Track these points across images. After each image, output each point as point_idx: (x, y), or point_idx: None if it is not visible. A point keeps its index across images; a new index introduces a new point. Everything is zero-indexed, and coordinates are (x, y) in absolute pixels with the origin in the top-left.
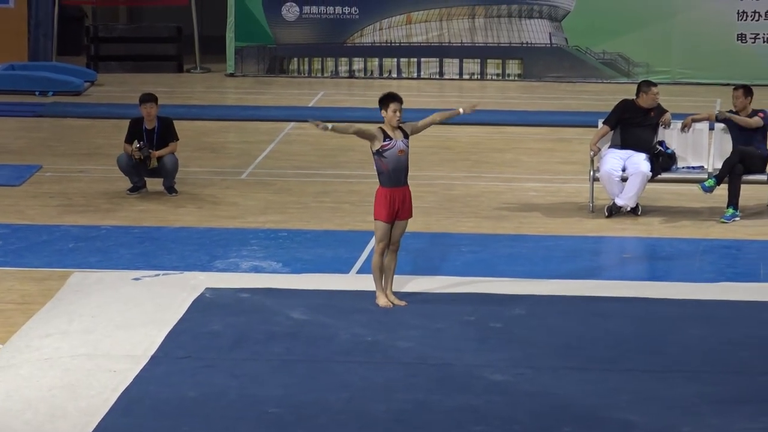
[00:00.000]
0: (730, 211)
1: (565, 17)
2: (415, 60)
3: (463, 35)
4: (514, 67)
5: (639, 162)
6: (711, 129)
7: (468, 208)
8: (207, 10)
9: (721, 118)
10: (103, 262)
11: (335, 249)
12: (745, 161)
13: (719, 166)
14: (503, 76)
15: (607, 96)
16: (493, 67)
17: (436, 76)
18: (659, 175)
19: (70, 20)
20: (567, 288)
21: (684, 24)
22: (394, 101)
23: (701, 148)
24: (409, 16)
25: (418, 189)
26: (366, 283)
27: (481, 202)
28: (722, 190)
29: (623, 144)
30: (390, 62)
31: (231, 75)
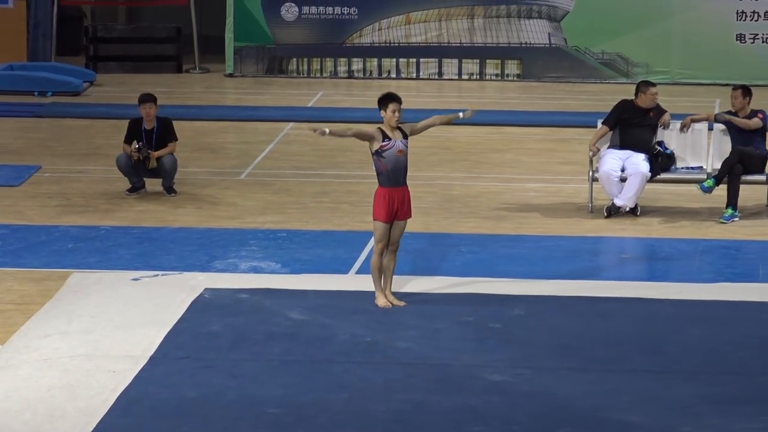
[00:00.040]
0: (729, 211)
1: (564, 17)
2: (414, 60)
3: (462, 35)
4: (513, 67)
5: (638, 162)
6: (710, 129)
7: (467, 209)
8: (206, 11)
9: (720, 120)
10: (102, 262)
11: (334, 249)
12: (744, 161)
13: (718, 166)
14: (502, 76)
15: (606, 96)
16: (492, 67)
17: (435, 77)
18: (658, 176)
19: (69, 20)
20: (566, 288)
21: (683, 24)
22: (393, 101)
23: (700, 149)
24: (408, 17)
25: (417, 189)
26: (365, 283)
27: (480, 202)
28: (721, 191)
29: (622, 144)
30: (389, 62)
31: (230, 75)
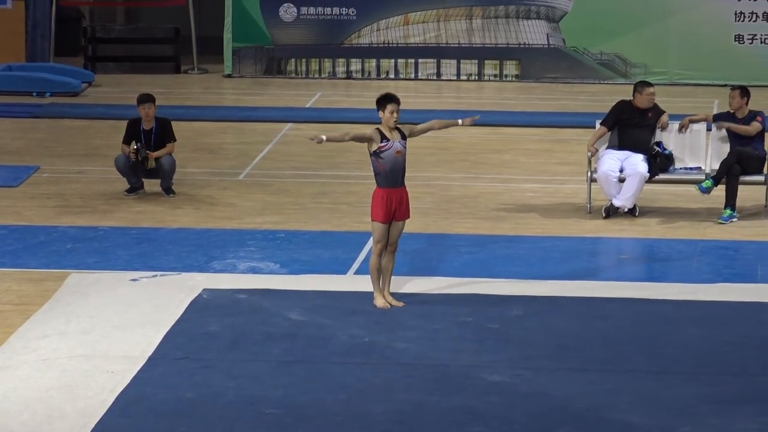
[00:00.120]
0: (728, 212)
1: (562, 18)
2: (413, 61)
3: (460, 36)
4: (511, 67)
5: (636, 163)
6: (708, 130)
7: (466, 209)
8: (204, 11)
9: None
10: (101, 263)
11: (333, 250)
12: (743, 162)
13: (716, 167)
14: (501, 76)
15: (604, 97)
16: (490, 68)
17: (433, 77)
18: (657, 176)
19: (68, 21)
20: (564, 289)
21: (681, 25)
22: (391, 102)
23: (699, 149)
24: (407, 17)
25: (415, 190)
26: (364, 284)
27: (478, 203)
28: (719, 191)
29: (621, 145)
30: (387, 63)
31: (228, 76)
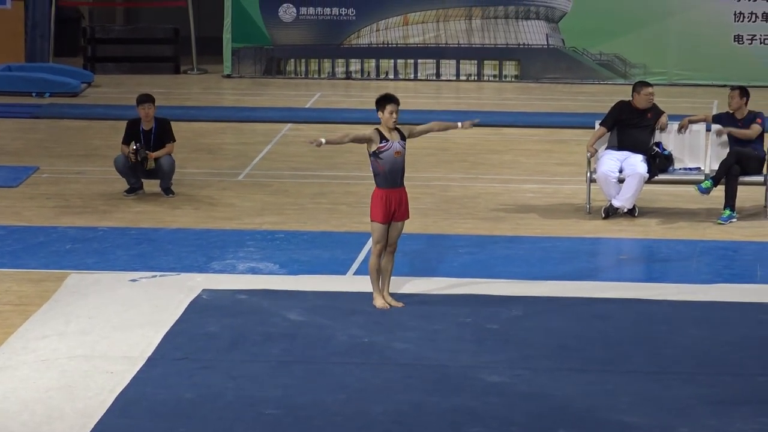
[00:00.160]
0: (727, 212)
1: (562, 18)
2: (412, 61)
3: (460, 36)
4: (511, 68)
5: (636, 163)
6: (708, 130)
7: (465, 210)
8: (204, 12)
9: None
10: (100, 263)
11: (332, 250)
12: (742, 162)
13: (716, 167)
14: (500, 77)
15: (603, 97)
16: (490, 68)
17: (433, 78)
18: (656, 177)
19: (67, 21)
20: (564, 289)
21: (681, 25)
22: (390, 103)
23: (698, 150)
24: (406, 18)
25: (415, 190)
26: (363, 284)
27: (478, 203)
28: (719, 192)
29: (620, 145)
30: (387, 63)
31: (228, 76)
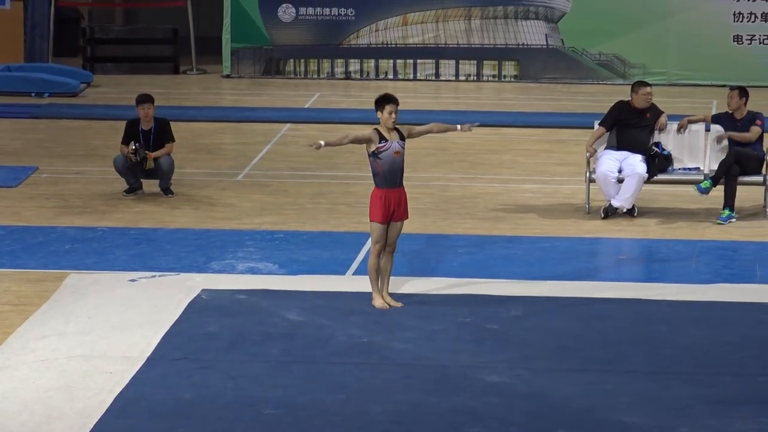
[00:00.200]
0: (726, 212)
1: (561, 18)
2: (411, 61)
3: (459, 36)
4: (510, 68)
5: (635, 163)
6: (707, 130)
7: (464, 210)
8: (203, 12)
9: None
10: (100, 263)
11: (331, 250)
12: (741, 162)
13: (715, 167)
14: (499, 77)
15: (603, 97)
16: (489, 68)
17: (432, 78)
18: (655, 177)
19: (67, 21)
20: (563, 289)
21: (680, 25)
22: (389, 103)
23: (697, 150)
24: (405, 18)
25: (414, 190)
26: (362, 284)
27: (477, 203)
28: (718, 192)
29: (619, 145)
30: (386, 63)
31: (227, 76)
